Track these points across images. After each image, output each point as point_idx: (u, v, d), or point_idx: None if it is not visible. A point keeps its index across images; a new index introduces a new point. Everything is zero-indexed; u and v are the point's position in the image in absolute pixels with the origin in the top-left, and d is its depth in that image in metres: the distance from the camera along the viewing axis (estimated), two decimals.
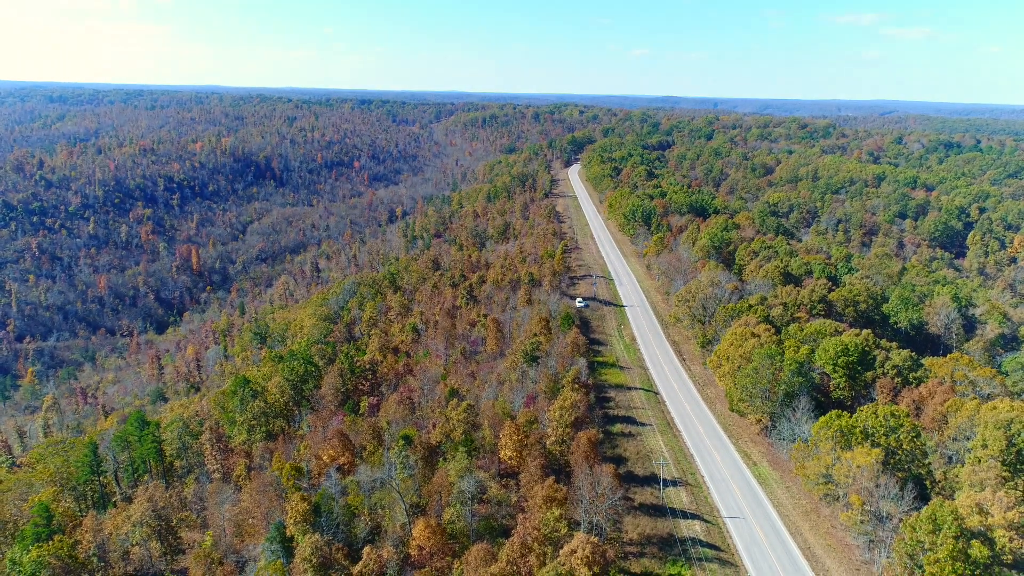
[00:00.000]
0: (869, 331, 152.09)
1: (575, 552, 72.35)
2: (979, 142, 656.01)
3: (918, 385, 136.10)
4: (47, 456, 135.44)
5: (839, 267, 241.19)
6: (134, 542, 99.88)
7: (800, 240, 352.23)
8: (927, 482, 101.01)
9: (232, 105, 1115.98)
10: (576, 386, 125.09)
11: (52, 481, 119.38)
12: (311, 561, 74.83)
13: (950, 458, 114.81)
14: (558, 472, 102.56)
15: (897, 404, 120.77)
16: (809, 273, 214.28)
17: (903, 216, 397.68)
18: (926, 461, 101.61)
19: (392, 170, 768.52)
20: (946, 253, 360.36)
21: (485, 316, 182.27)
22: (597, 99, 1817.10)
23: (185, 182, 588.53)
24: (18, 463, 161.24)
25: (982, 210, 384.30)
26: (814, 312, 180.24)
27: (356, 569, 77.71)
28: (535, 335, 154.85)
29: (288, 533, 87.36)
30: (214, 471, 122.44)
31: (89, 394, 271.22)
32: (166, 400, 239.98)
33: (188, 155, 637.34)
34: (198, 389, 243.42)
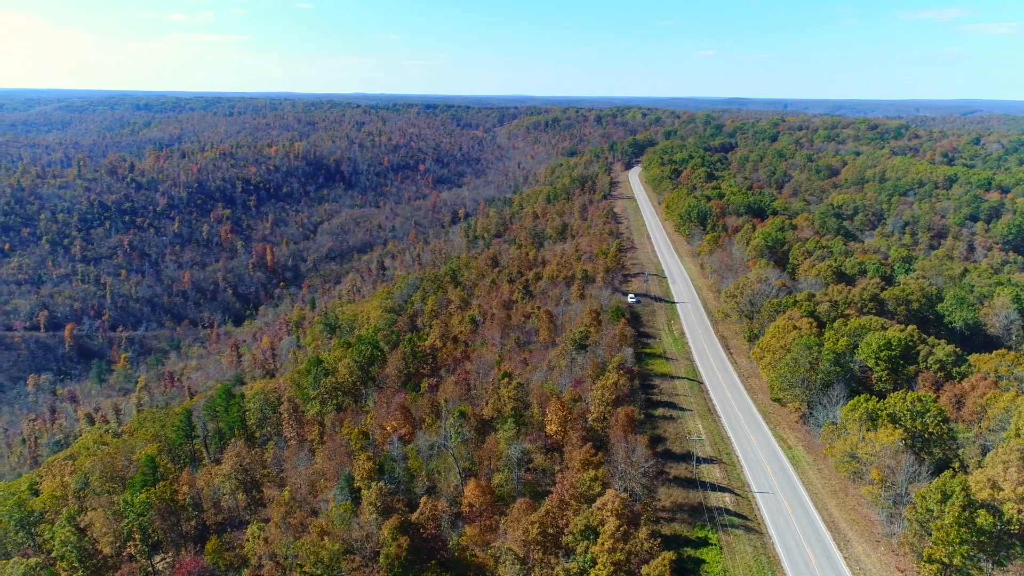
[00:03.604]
0: (914, 327, 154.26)
1: (606, 505, 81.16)
2: None
3: (961, 380, 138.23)
4: (146, 423, 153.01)
5: (896, 267, 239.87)
6: (224, 492, 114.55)
7: (863, 242, 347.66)
8: (954, 466, 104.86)
9: (304, 111, 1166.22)
10: (621, 371, 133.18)
11: (152, 442, 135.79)
12: (376, 505, 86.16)
13: (989, 450, 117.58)
14: (598, 446, 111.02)
15: (938, 397, 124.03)
16: (863, 272, 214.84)
17: (975, 219, 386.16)
18: (954, 446, 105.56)
19: (456, 173, 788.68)
20: (1020, 257, 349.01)
21: (539, 309, 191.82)
22: (661, 101, 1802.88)
23: (261, 184, 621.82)
24: (119, 432, 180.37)
25: None
26: (864, 310, 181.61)
27: (414, 516, 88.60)
28: (585, 326, 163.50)
29: (355, 486, 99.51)
30: (291, 438, 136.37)
31: (175, 378, 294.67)
32: (244, 384, 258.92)
33: (264, 159, 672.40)
34: (273, 375, 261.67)
